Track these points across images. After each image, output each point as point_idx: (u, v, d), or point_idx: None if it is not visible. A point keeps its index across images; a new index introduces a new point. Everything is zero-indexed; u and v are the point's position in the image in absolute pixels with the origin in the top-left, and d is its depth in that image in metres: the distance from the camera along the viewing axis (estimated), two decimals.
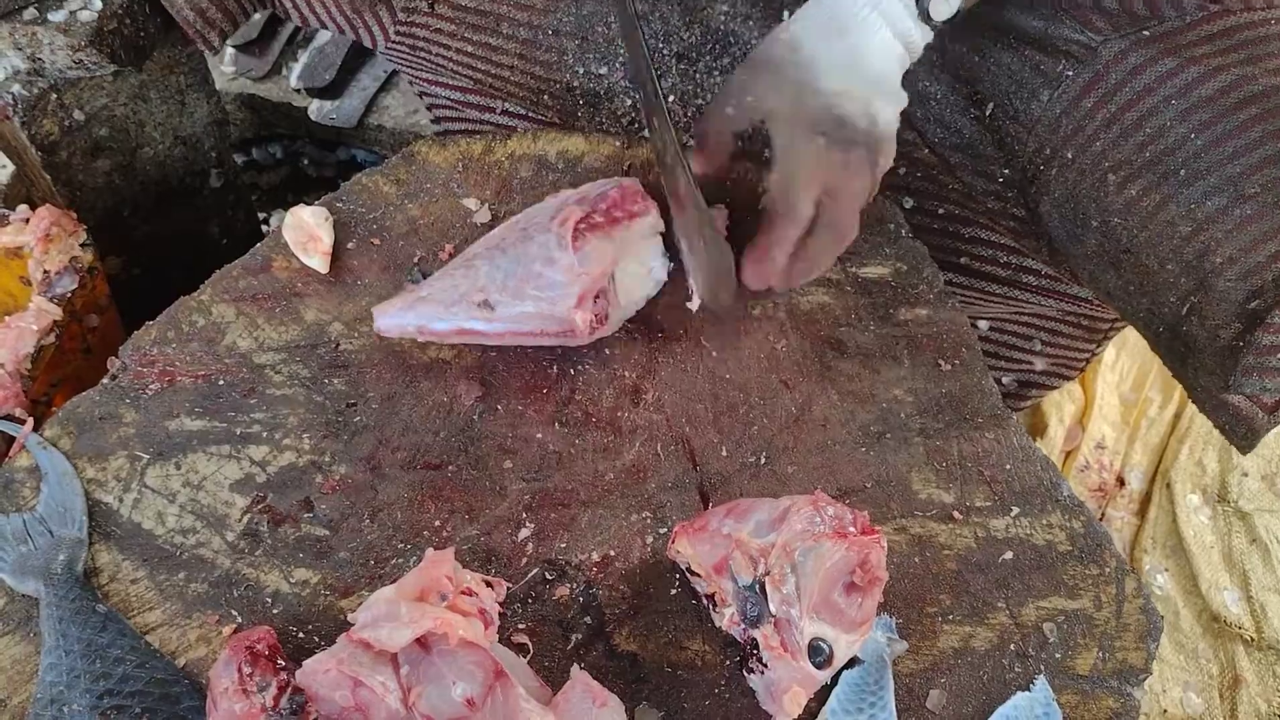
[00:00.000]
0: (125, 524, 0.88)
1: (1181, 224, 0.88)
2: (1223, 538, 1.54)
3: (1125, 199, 0.91)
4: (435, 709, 0.76)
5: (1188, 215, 0.88)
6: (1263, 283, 0.84)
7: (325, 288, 1.01)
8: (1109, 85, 0.93)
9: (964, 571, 0.88)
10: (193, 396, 0.94)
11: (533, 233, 0.94)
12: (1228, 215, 0.85)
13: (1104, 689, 0.83)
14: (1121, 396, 1.63)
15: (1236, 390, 0.86)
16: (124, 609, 0.84)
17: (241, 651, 0.78)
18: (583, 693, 0.78)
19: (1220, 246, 0.85)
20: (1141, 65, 0.92)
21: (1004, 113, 1.02)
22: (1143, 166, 0.90)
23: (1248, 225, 0.84)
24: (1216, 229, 0.85)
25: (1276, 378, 0.85)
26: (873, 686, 0.80)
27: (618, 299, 0.96)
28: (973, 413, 0.96)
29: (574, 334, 0.93)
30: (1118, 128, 0.92)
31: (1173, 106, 0.89)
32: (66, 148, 1.24)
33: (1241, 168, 0.85)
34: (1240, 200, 0.84)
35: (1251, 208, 0.84)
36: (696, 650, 0.84)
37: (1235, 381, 0.86)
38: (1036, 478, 0.93)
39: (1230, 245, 0.85)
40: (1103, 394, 1.61)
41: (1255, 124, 0.85)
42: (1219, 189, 0.85)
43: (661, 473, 0.92)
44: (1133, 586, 0.87)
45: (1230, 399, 0.90)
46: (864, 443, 0.94)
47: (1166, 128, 0.89)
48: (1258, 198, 0.84)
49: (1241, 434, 0.93)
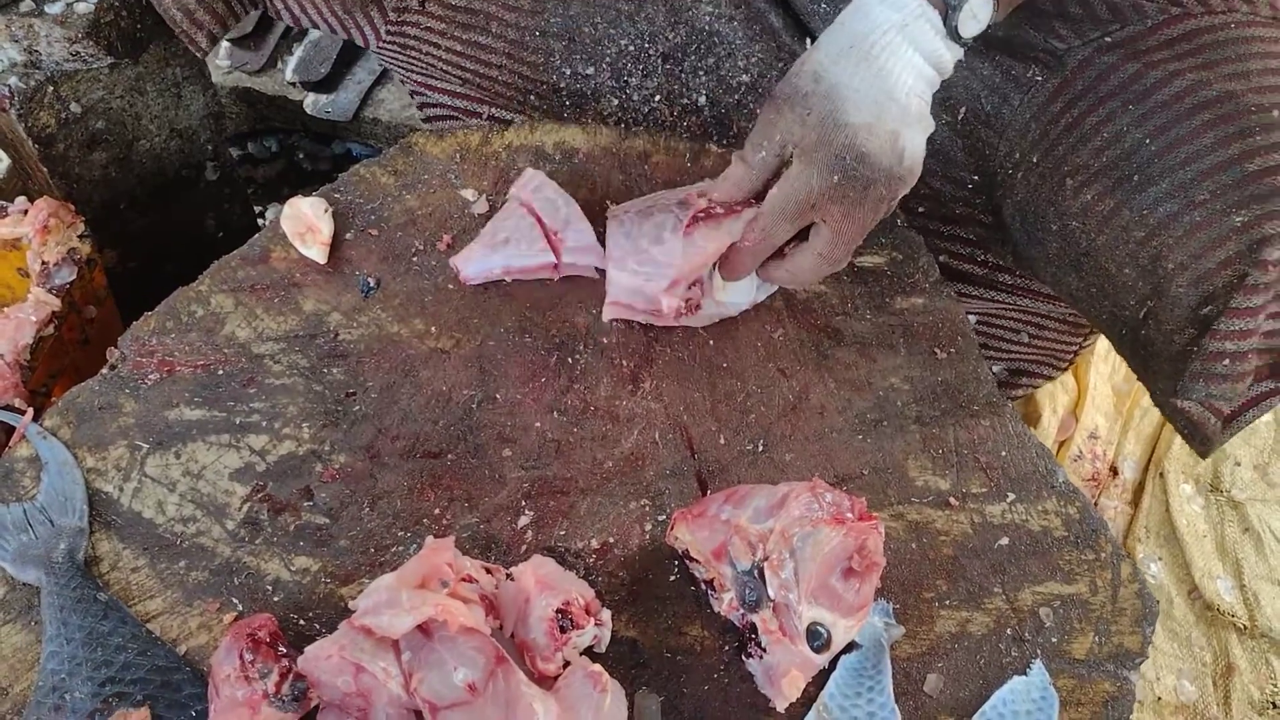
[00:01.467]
0: (125, 513, 0.88)
1: (1135, 229, 0.88)
2: (1215, 527, 1.55)
3: (1082, 203, 0.92)
4: (436, 694, 0.77)
5: (1141, 220, 0.88)
6: (1213, 289, 0.84)
7: (324, 278, 1.01)
8: (1075, 90, 0.94)
9: (960, 557, 0.89)
10: (192, 386, 0.94)
11: (655, 211, 0.96)
12: (1178, 221, 0.85)
13: (1100, 673, 0.83)
14: (1114, 386, 1.63)
15: (1184, 396, 0.87)
16: (125, 597, 0.84)
17: (243, 638, 0.79)
18: (583, 678, 0.78)
19: (1172, 252, 0.86)
20: (1105, 70, 0.92)
21: (976, 117, 1.02)
22: (1099, 171, 0.90)
23: (1198, 231, 0.84)
24: (1168, 235, 0.86)
25: (1222, 384, 0.86)
26: (870, 671, 0.81)
27: (714, 292, 0.97)
28: (968, 400, 0.97)
29: (659, 315, 0.97)
30: (1079, 132, 0.92)
31: (1130, 111, 0.89)
32: (63, 140, 1.24)
33: (1193, 174, 0.85)
34: (1191, 206, 0.85)
35: (1201, 214, 0.84)
36: (695, 636, 0.84)
37: (1183, 387, 0.87)
38: (1032, 464, 0.93)
39: (1181, 251, 0.85)
40: (1096, 384, 1.61)
41: (1208, 129, 0.85)
42: (1171, 195, 0.85)
43: (660, 460, 0.93)
44: (1128, 571, 0.88)
45: (1182, 405, 0.90)
46: (861, 430, 0.95)
47: (1123, 132, 0.90)
48: (1207, 204, 0.84)
49: (1198, 440, 0.93)
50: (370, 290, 1.00)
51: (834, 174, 0.84)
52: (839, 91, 0.83)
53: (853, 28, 0.84)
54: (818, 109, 0.84)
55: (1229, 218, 0.82)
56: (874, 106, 0.83)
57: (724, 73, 1.14)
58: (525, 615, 0.81)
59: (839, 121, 0.83)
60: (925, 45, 0.84)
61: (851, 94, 0.83)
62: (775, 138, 0.86)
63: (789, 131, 0.85)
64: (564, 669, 0.80)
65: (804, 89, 0.85)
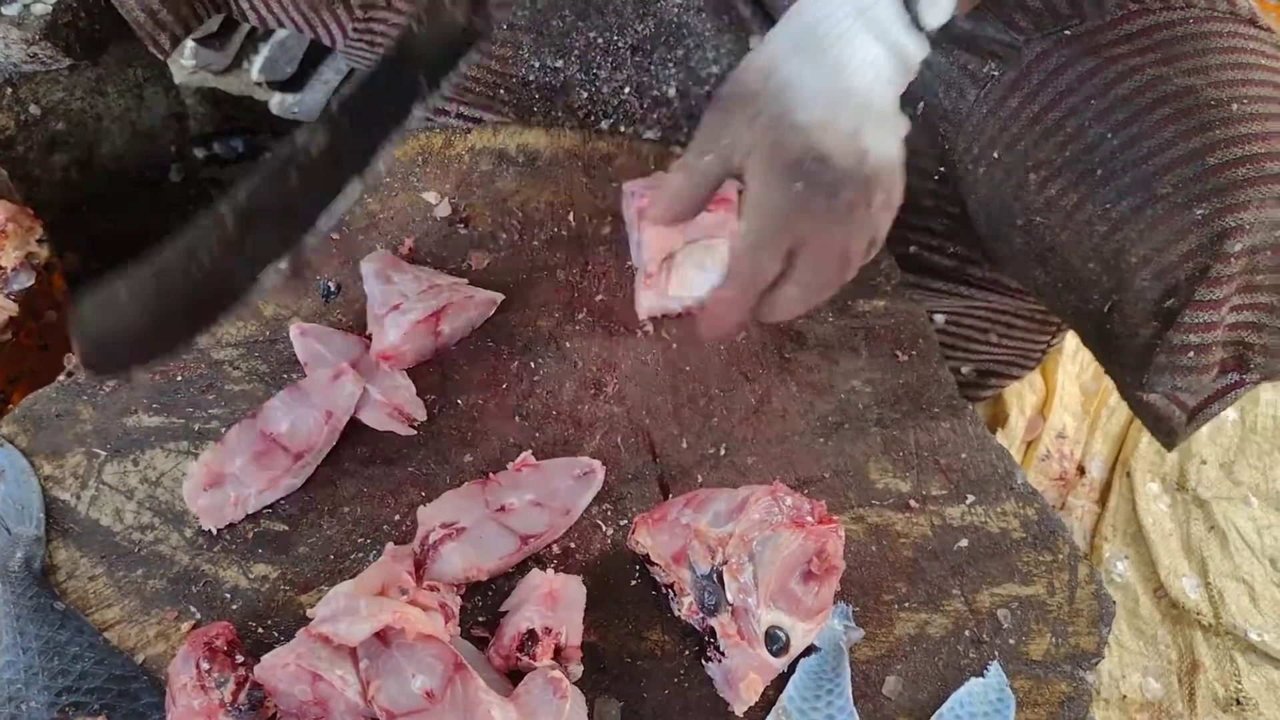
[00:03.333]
0: (83, 521, 0.87)
1: (1099, 223, 0.89)
2: (1181, 525, 1.56)
3: (1045, 198, 0.92)
4: (394, 701, 0.76)
5: (1104, 215, 0.88)
6: (1176, 282, 0.85)
7: (284, 283, 1.00)
8: (1032, 85, 0.94)
9: (920, 559, 0.89)
10: (150, 393, 0.94)
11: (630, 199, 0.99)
12: (1140, 215, 0.86)
13: (1057, 673, 0.84)
14: (1082, 386, 1.64)
15: (1150, 389, 0.87)
16: (82, 606, 0.84)
17: (200, 647, 0.78)
18: (543, 685, 0.78)
19: (1135, 246, 0.86)
20: (1063, 65, 0.92)
21: (934, 111, 1.02)
22: (1062, 166, 0.91)
23: (1160, 225, 0.85)
24: (1130, 229, 0.86)
25: (1187, 376, 0.87)
26: (830, 674, 0.81)
27: (670, 283, 0.97)
28: (929, 403, 0.97)
29: None
30: (1040, 127, 0.93)
31: (1092, 106, 0.90)
32: (23, 142, 1.23)
33: (1154, 168, 0.85)
34: (1152, 200, 0.85)
35: (1163, 208, 0.85)
36: (656, 640, 0.84)
37: (1149, 380, 0.87)
38: (991, 466, 0.94)
39: (1144, 245, 0.86)
40: (1063, 384, 1.62)
41: (1168, 124, 0.86)
42: (1132, 189, 0.86)
43: (622, 464, 0.92)
44: (1085, 573, 0.88)
45: (1148, 398, 0.91)
46: (822, 433, 0.95)
47: (1085, 127, 0.90)
48: (1169, 198, 0.84)
49: (1164, 432, 0.94)
50: (330, 295, 1.00)
51: (795, 182, 0.76)
52: (790, 88, 0.76)
53: (806, 17, 0.77)
54: (768, 110, 0.76)
55: (1190, 211, 0.83)
56: (829, 103, 0.75)
57: (693, 64, 1.13)
58: (513, 613, 0.81)
59: (792, 122, 0.75)
60: (886, 35, 0.76)
61: (804, 90, 0.75)
62: (721, 142, 0.79)
63: (737, 136, 0.78)
64: None
65: (752, 87, 0.77)
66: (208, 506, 0.86)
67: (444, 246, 1.04)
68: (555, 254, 1.05)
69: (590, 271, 1.04)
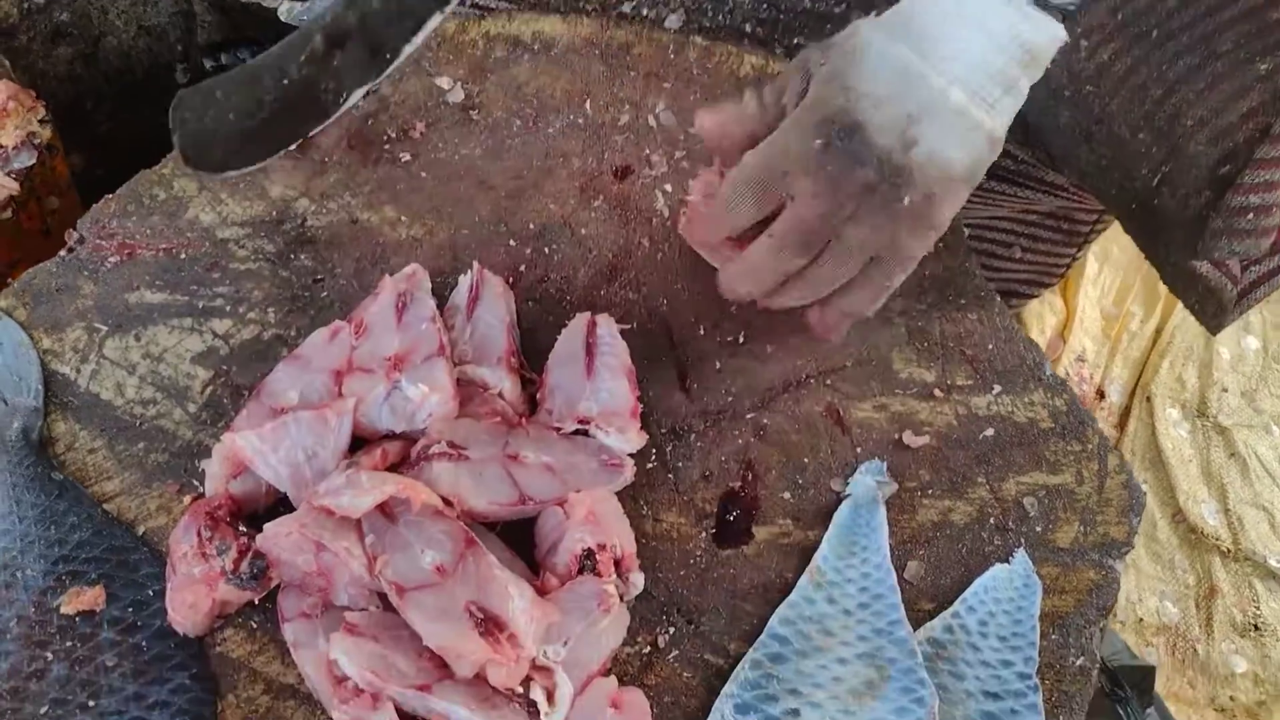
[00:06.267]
0: (83, 394, 0.85)
1: (1153, 87, 0.86)
2: (1201, 452, 1.53)
3: (1097, 64, 0.88)
4: (403, 576, 0.74)
5: (1159, 78, 0.85)
6: (1234, 145, 0.82)
7: (292, 163, 0.97)
8: None
9: (944, 448, 0.86)
10: (153, 270, 0.91)
11: None
12: (1199, 74, 0.82)
13: (1085, 561, 0.82)
14: (1103, 310, 1.61)
15: (1205, 256, 0.84)
16: (81, 478, 0.81)
17: (201, 516, 0.76)
18: (590, 592, 0.75)
19: (1191, 109, 0.83)
20: None
21: None
22: (1115, 30, 0.87)
23: (1219, 84, 0.82)
24: (1188, 90, 0.83)
25: (1245, 240, 0.83)
26: (864, 529, 0.79)
27: None
28: (956, 294, 0.94)
29: None
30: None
31: None
32: (26, 31, 1.20)
33: (1214, 25, 0.82)
34: (1212, 58, 0.82)
35: (1223, 65, 0.81)
36: (671, 523, 0.82)
37: (1203, 247, 0.83)
38: (1019, 357, 0.91)
39: (1201, 106, 0.83)
40: (1084, 307, 1.60)
41: None
42: (1191, 48, 0.83)
43: (639, 351, 0.89)
44: (1115, 463, 0.86)
45: (1200, 270, 0.88)
46: None
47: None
48: (1230, 54, 0.81)
49: (1210, 311, 0.91)
50: None
51: (816, 139, 0.69)
52: (863, 52, 0.69)
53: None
54: (832, 64, 0.70)
55: (1253, 66, 0.80)
56: (895, 81, 0.68)
57: None
58: (559, 540, 0.78)
59: (844, 84, 0.69)
60: (994, 22, 0.67)
61: (874, 59, 0.68)
62: (788, 86, 0.73)
63: (797, 83, 0.73)
64: None
65: (837, 40, 0.71)
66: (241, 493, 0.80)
67: (456, 133, 1.01)
68: (570, 142, 1.02)
69: (606, 160, 1.00)
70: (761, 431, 0.87)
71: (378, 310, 0.86)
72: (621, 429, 0.82)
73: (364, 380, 0.81)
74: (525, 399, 0.86)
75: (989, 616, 0.78)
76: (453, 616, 0.72)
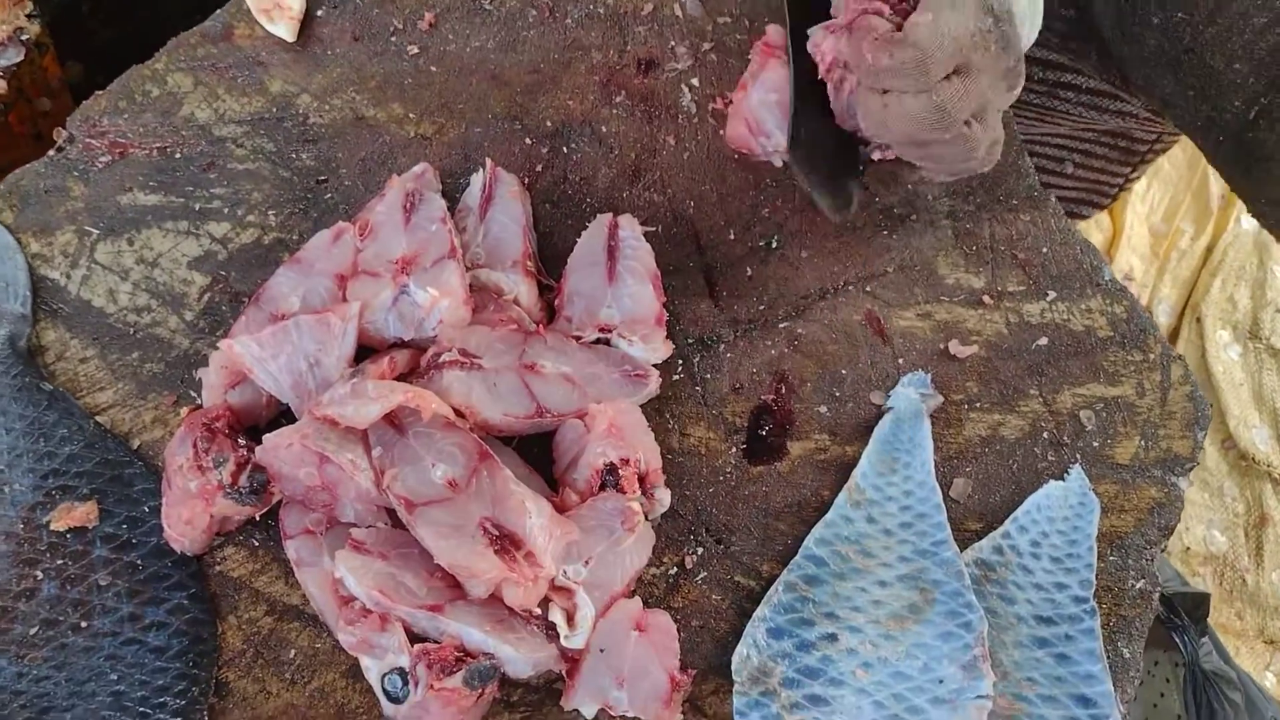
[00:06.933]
0: (73, 301, 0.80)
1: (1256, 15, 0.79)
2: (1253, 375, 1.46)
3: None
4: (413, 491, 0.70)
5: (1264, 5, 0.78)
6: None
7: (292, 57, 0.91)
8: None
9: (994, 358, 0.80)
10: (146, 170, 0.85)
11: None
12: None
13: (1146, 478, 0.76)
14: (1152, 228, 1.54)
15: None
16: (72, 389, 0.77)
17: (198, 427, 0.71)
18: (613, 510, 0.71)
19: None
20: None
21: None
22: None
23: None
24: None
25: None
26: (906, 444, 0.74)
27: None
28: (1007, 194, 0.87)
29: None
30: None
31: None
32: None
33: None
34: None
35: None
36: (700, 438, 0.77)
37: None
38: (1076, 261, 0.84)
39: None
40: (1132, 224, 1.52)
41: None
42: None
43: (664, 255, 0.84)
44: (1179, 373, 0.79)
45: None
46: (886, 226, 0.86)
47: None
48: None
49: None
50: None
51: (986, 16, 0.71)
52: None
53: None
54: None
55: None
56: None
57: None
58: (579, 455, 0.73)
59: None
60: None
61: None
62: None
63: None
64: None
65: None
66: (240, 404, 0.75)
67: (467, 24, 0.94)
68: (590, 34, 0.94)
69: (629, 53, 0.94)
70: (796, 341, 0.81)
71: (384, 211, 0.80)
72: (646, 337, 0.76)
73: (370, 284, 0.76)
74: (543, 305, 0.80)
75: (1042, 537, 0.73)
76: (466, 533, 0.67)
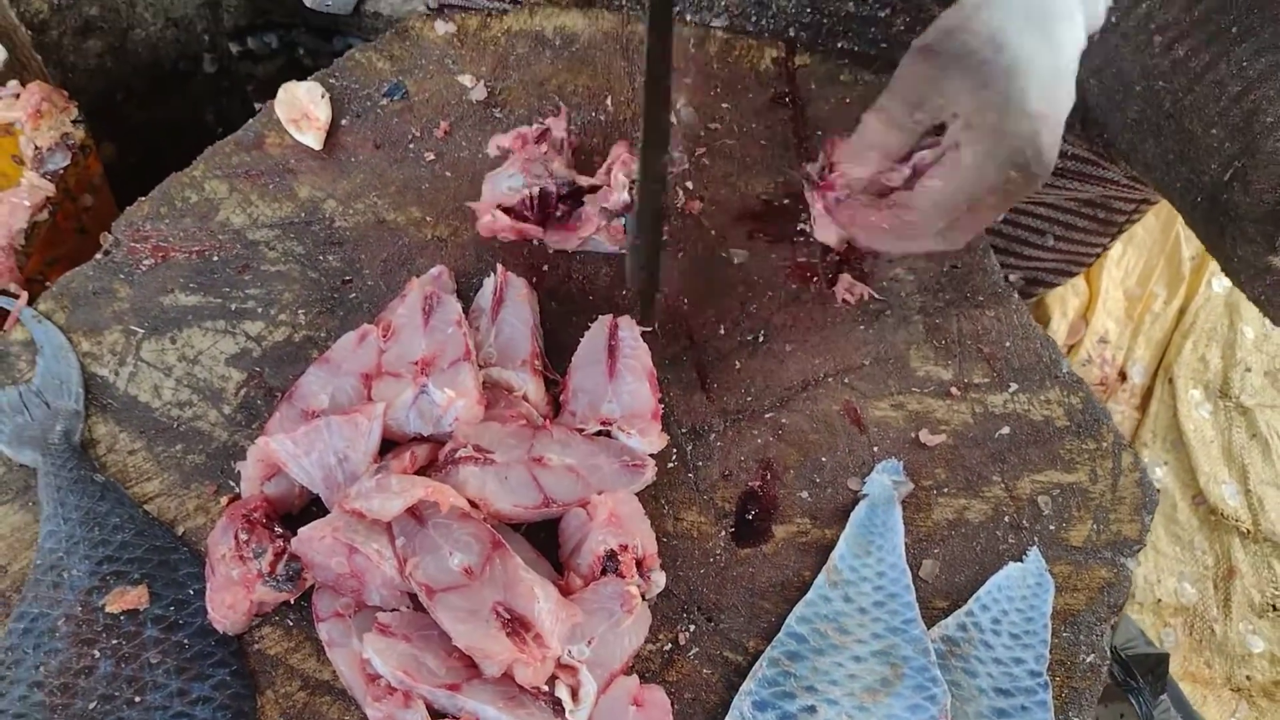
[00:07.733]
0: (121, 397, 0.88)
1: (1231, 83, 0.85)
2: (1223, 432, 1.54)
3: (1172, 60, 0.88)
4: (432, 578, 0.77)
5: (1238, 74, 0.84)
6: None
7: (319, 164, 0.99)
8: None
9: (960, 446, 0.88)
10: (186, 272, 0.93)
11: None
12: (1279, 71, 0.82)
13: (1097, 560, 0.83)
14: (1126, 291, 1.61)
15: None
16: (122, 479, 0.84)
17: (239, 519, 0.79)
18: (613, 593, 0.78)
19: (1271, 105, 0.82)
20: None
21: None
22: (1191, 26, 0.86)
23: None
24: (1268, 87, 0.82)
25: None
26: (880, 529, 0.81)
27: None
28: (974, 291, 0.95)
29: None
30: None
31: None
32: (56, 26, 1.21)
33: None
34: None
35: None
36: (692, 521, 0.84)
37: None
38: (1036, 354, 0.92)
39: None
40: (1107, 289, 1.60)
41: None
42: (1272, 45, 0.82)
43: (659, 349, 0.91)
44: (1129, 461, 0.87)
45: (1274, 263, 0.87)
46: (863, 320, 0.94)
47: None
48: None
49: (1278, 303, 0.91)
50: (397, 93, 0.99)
51: (1011, 169, 0.73)
52: (1022, 70, 0.72)
53: None
54: (998, 87, 0.72)
55: None
56: (1051, 92, 0.73)
57: None
58: (582, 541, 0.80)
59: (1025, 110, 0.72)
60: (1092, 4, 0.74)
61: (1034, 76, 0.72)
62: (937, 102, 0.75)
63: (958, 100, 0.74)
64: None
65: (980, 54, 0.72)
66: (275, 494, 0.83)
67: (479, 131, 1.02)
68: (591, 139, 1.03)
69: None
70: (780, 430, 0.88)
71: (405, 313, 0.88)
72: (643, 430, 0.84)
73: (392, 384, 0.84)
74: (549, 400, 0.88)
75: (1002, 614, 0.80)
76: (480, 617, 0.74)
